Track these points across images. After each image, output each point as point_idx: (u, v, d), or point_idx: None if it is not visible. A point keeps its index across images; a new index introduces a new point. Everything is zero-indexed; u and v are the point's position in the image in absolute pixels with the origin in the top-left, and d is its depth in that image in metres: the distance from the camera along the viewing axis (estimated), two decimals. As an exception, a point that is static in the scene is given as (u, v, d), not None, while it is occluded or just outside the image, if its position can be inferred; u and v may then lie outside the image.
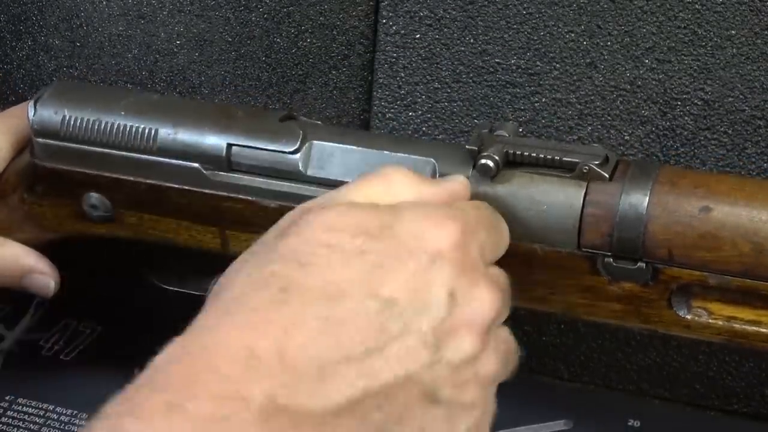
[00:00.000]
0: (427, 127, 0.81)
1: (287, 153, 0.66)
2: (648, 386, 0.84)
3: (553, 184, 0.62)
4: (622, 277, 0.62)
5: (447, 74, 0.80)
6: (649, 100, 0.77)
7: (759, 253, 0.59)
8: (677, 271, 0.61)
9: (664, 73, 0.76)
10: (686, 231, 0.60)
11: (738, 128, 0.76)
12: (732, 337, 0.63)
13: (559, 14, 0.76)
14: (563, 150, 0.63)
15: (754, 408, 0.83)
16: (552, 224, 0.62)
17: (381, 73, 0.81)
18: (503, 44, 0.78)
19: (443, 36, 0.79)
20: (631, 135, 0.78)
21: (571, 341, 0.84)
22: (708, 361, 0.82)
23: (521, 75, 0.78)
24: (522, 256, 0.63)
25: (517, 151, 0.63)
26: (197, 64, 0.84)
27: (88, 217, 0.72)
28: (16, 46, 0.86)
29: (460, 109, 0.80)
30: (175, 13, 0.83)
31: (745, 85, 0.75)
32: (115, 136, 0.69)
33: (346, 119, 0.85)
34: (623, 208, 0.61)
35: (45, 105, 0.70)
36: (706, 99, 0.76)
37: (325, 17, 0.82)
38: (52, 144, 0.70)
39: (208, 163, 0.67)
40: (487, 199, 0.63)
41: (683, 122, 0.77)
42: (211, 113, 0.68)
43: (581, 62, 0.77)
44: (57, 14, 0.84)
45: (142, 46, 0.84)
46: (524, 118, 0.79)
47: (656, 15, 0.75)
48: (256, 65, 0.84)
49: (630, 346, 0.83)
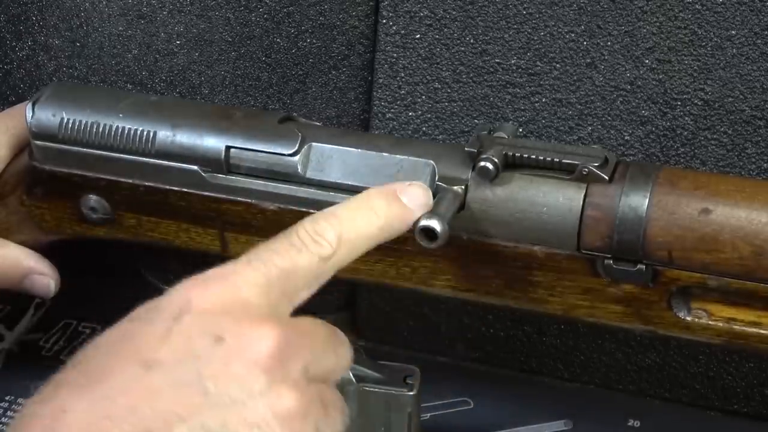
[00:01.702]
0: (427, 127, 0.81)
1: (286, 155, 0.66)
2: (648, 386, 0.84)
3: (553, 186, 0.62)
4: (622, 278, 0.62)
5: (447, 74, 0.80)
6: (649, 100, 0.77)
7: (759, 256, 0.59)
8: (677, 273, 0.61)
9: (664, 73, 0.76)
10: (686, 233, 0.60)
11: (738, 128, 0.76)
12: (732, 338, 0.63)
13: (559, 14, 0.76)
14: (563, 152, 0.63)
15: (754, 408, 0.83)
16: (552, 226, 0.62)
17: (381, 73, 0.81)
18: (503, 44, 0.78)
19: (443, 36, 0.79)
20: (631, 135, 0.78)
21: (571, 341, 0.84)
22: (708, 361, 0.82)
23: (521, 75, 0.78)
24: (522, 258, 0.63)
25: (516, 153, 0.63)
26: (197, 64, 0.84)
27: (87, 219, 0.72)
28: (16, 46, 0.86)
29: (460, 109, 0.80)
30: (175, 13, 0.83)
31: (745, 85, 0.75)
32: (114, 138, 0.69)
33: (346, 119, 0.85)
34: (623, 209, 0.61)
35: (43, 107, 0.70)
36: (706, 99, 0.75)
37: (325, 17, 0.82)
38: (50, 146, 0.70)
39: (207, 166, 0.67)
40: (487, 202, 0.63)
41: (683, 122, 0.76)
42: (210, 115, 0.68)
43: (581, 62, 0.77)
44: (57, 14, 0.84)
45: (142, 46, 0.84)
46: (524, 118, 0.79)
47: (656, 15, 0.75)
48: (256, 65, 0.84)
49: (630, 347, 0.83)
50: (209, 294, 0.52)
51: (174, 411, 0.49)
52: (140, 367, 0.50)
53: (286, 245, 0.56)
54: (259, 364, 0.50)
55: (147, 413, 0.49)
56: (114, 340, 0.52)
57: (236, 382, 0.50)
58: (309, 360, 0.52)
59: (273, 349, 0.51)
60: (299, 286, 0.55)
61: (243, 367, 0.50)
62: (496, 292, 0.66)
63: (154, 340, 0.51)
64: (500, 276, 0.65)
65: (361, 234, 0.58)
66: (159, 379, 0.49)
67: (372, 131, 0.82)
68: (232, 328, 0.51)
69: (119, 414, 0.48)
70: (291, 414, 0.50)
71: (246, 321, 0.52)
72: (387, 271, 0.67)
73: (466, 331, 0.87)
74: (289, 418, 0.50)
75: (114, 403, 0.49)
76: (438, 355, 0.88)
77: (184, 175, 0.68)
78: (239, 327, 0.51)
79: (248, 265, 0.54)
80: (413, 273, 0.67)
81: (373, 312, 0.89)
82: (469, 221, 0.63)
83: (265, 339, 0.51)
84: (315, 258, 0.56)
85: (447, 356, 0.88)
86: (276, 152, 0.66)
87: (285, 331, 0.52)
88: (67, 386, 0.50)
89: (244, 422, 0.49)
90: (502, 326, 0.86)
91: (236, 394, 0.50)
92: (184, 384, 0.49)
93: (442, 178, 0.64)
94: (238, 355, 0.50)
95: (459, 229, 0.63)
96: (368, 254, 0.66)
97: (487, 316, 0.86)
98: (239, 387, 0.50)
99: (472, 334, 0.87)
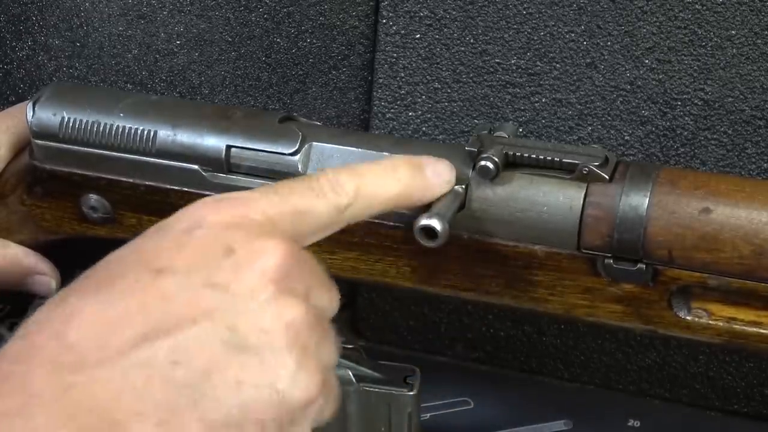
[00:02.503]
0: (427, 127, 0.81)
1: (286, 154, 0.66)
2: (648, 386, 0.84)
3: (553, 186, 0.62)
4: (622, 278, 0.62)
5: (447, 74, 0.80)
6: (649, 100, 0.77)
7: (759, 255, 0.59)
8: (677, 273, 0.61)
9: (664, 73, 0.76)
10: (686, 232, 0.60)
11: (738, 128, 0.76)
12: (732, 338, 0.63)
13: (559, 14, 0.76)
14: (563, 151, 0.63)
15: (754, 408, 0.83)
16: (552, 226, 0.62)
17: (381, 73, 0.81)
18: (503, 44, 0.78)
19: (443, 36, 0.79)
20: (631, 135, 0.78)
21: (571, 341, 0.84)
22: (708, 361, 0.82)
23: (521, 75, 0.78)
24: (522, 257, 0.63)
25: (516, 153, 0.63)
26: (197, 64, 0.84)
27: (87, 219, 0.72)
28: (16, 46, 0.86)
29: (460, 109, 0.80)
30: (175, 13, 0.83)
31: (745, 85, 0.75)
32: (114, 137, 0.69)
33: (346, 119, 0.85)
34: (623, 209, 0.61)
35: (43, 107, 0.70)
36: (706, 99, 0.76)
37: (325, 17, 0.82)
38: (51, 146, 0.70)
39: (207, 165, 0.67)
40: (487, 201, 0.63)
41: (683, 122, 0.77)
42: (210, 114, 0.68)
43: (581, 62, 0.77)
44: (57, 14, 0.84)
45: (142, 46, 0.84)
46: (524, 118, 0.79)
47: (656, 15, 0.75)
48: (256, 65, 0.84)
49: (630, 346, 0.83)
50: (221, 211, 0.53)
51: (185, 313, 0.49)
52: (152, 273, 0.50)
53: (305, 187, 0.57)
54: (267, 275, 0.51)
55: (158, 314, 0.49)
56: (125, 253, 0.53)
57: (246, 289, 0.51)
58: (311, 284, 0.53)
59: (281, 262, 0.52)
60: (308, 230, 0.56)
61: (252, 276, 0.51)
62: (496, 291, 0.65)
63: (165, 250, 0.52)
64: (500, 275, 0.65)
65: (380, 194, 0.59)
66: (170, 283, 0.50)
67: (372, 131, 0.82)
68: (242, 240, 0.52)
69: (130, 313, 0.49)
70: (296, 324, 0.51)
71: (255, 235, 0.53)
72: (387, 271, 0.67)
73: (466, 331, 0.87)
74: (294, 327, 0.51)
75: (124, 303, 0.50)
76: (438, 355, 0.88)
77: (185, 174, 0.68)
78: (249, 240, 0.52)
79: (264, 194, 0.55)
80: (413, 273, 0.66)
81: (373, 312, 0.89)
82: (469, 220, 0.63)
83: (273, 252, 0.52)
84: (331, 205, 0.57)
85: (447, 356, 0.88)
86: (276, 152, 0.66)
87: (293, 250, 0.53)
88: (76, 293, 0.51)
89: (253, 327, 0.50)
90: (502, 326, 0.86)
91: (245, 300, 0.51)
92: (196, 288, 0.50)
93: (442, 177, 0.64)
94: (248, 265, 0.51)
95: (459, 228, 0.63)
96: (368, 254, 0.66)
97: (487, 316, 0.86)
98: (249, 294, 0.51)
99: (472, 334, 0.87)
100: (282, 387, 0.50)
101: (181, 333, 0.49)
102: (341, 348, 0.55)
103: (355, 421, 0.66)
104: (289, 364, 0.50)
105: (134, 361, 0.48)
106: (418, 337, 0.89)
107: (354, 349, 0.67)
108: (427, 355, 0.88)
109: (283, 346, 0.50)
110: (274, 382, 0.50)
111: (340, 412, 0.66)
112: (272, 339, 0.50)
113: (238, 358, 0.50)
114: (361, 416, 0.66)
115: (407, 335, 0.89)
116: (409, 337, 0.89)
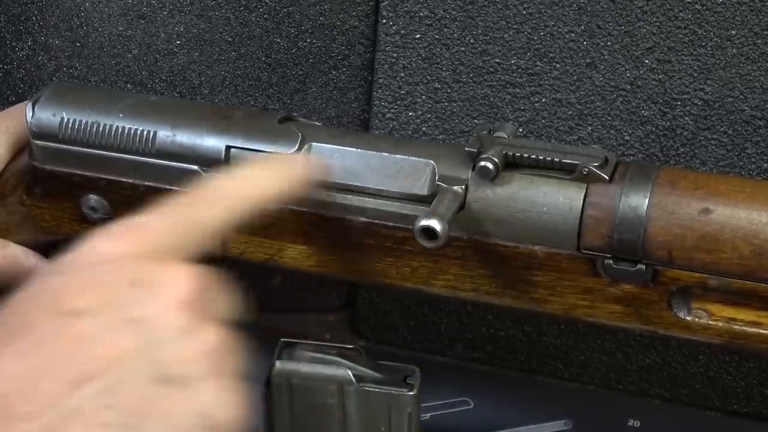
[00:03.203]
0: (427, 127, 0.81)
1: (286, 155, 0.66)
2: (648, 386, 0.84)
3: (553, 186, 0.62)
4: (621, 278, 0.62)
5: (447, 74, 0.80)
6: (649, 100, 0.77)
7: (759, 256, 0.59)
8: (677, 273, 0.61)
9: (664, 73, 0.76)
10: (686, 233, 0.60)
11: (738, 128, 0.76)
12: (732, 338, 0.63)
13: (559, 14, 0.76)
14: (563, 151, 0.63)
15: (754, 408, 0.83)
16: (552, 226, 0.62)
17: (381, 73, 0.81)
18: (503, 44, 0.78)
19: (443, 36, 0.79)
20: (631, 135, 0.78)
21: (571, 341, 0.84)
22: (708, 361, 0.82)
23: (521, 75, 0.78)
24: (522, 257, 0.63)
25: (516, 153, 0.63)
26: (197, 64, 0.84)
27: (87, 219, 0.72)
28: (16, 46, 0.86)
29: (460, 109, 0.80)
30: (175, 13, 0.83)
31: (745, 85, 0.75)
32: (114, 138, 0.69)
33: (346, 119, 0.85)
34: (623, 209, 0.61)
35: (43, 107, 0.70)
36: (706, 99, 0.76)
37: (325, 17, 0.82)
38: (50, 146, 0.70)
39: (207, 165, 0.67)
40: (487, 202, 0.63)
41: (683, 122, 0.77)
42: (210, 115, 0.68)
43: (581, 62, 0.77)
44: (57, 14, 0.84)
45: (142, 46, 0.84)
46: (524, 118, 0.79)
47: (656, 15, 0.75)
48: (256, 65, 0.84)
49: (630, 347, 0.83)
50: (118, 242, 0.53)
51: (108, 354, 0.49)
52: (65, 316, 0.50)
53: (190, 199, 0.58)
54: (179, 303, 0.51)
55: (81, 357, 0.49)
56: (32, 295, 0.52)
57: (162, 321, 0.51)
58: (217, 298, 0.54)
59: (189, 287, 0.52)
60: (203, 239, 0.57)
61: (166, 306, 0.51)
62: (496, 292, 0.65)
63: (75, 290, 0.51)
64: (500, 276, 0.65)
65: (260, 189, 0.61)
66: (87, 324, 0.50)
67: (372, 131, 0.82)
68: (147, 270, 0.52)
69: (53, 361, 0.49)
70: (215, 347, 0.51)
71: (158, 263, 0.53)
72: (387, 271, 0.67)
73: (466, 331, 0.87)
74: (213, 351, 0.51)
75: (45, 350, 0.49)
76: (438, 355, 0.88)
77: (185, 174, 0.68)
78: (153, 269, 0.52)
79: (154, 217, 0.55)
80: (413, 273, 0.66)
81: (373, 312, 0.89)
82: (469, 221, 0.63)
83: (178, 278, 0.52)
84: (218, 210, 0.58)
85: (447, 356, 0.88)
86: (276, 152, 0.66)
87: (195, 271, 0.53)
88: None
89: (174, 358, 0.50)
90: (502, 326, 0.86)
91: (163, 333, 0.51)
92: (113, 327, 0.50)
93: (442, 178, 0.64)
94: (159, 296, 0.51)
95: (459, 228, 0.63)
96: (368, 254, 0.66)
97: (487, 316, 0.86)
98: (165, 325, 0.51)
99: (471, 334, 0.87)
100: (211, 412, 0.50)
101: (107, 375, 0.49)
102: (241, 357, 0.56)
103: (355, 421, 0.66)
104: (214, 389, 0.51)
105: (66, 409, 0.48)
106: (418, 337, 0.89)
107: (354, 349, 0.67)
108: (427, 355, 0.88)
109: (206, 371, 0.51)
110: (203, 408, 0.50)
111: (340, 412, 0.66)
112: (195, 367, 0.51)
113: (166, 390, 0.50)
114: (361, 416, 0.66)
115: (407, 335, 0.89)
116: (409, 337, 0.89)
